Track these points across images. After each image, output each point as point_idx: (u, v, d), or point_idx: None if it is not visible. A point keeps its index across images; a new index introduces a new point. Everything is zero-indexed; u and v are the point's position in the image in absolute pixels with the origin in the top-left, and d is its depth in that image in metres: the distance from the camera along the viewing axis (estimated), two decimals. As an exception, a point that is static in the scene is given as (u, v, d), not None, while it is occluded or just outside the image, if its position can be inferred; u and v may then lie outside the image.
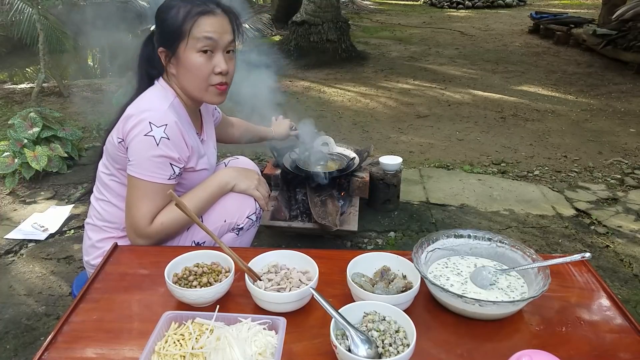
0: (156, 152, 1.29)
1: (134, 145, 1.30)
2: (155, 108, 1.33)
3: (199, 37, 1.32)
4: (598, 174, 3.21)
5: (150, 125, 1.29)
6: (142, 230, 1.32)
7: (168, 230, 1.36)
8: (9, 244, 2.41)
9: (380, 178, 2.54)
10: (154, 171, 1.31)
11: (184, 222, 1.38)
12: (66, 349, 0.94)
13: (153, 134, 1.29)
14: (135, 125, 1.30)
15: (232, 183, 1.46)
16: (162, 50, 1.38)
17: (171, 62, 1.38)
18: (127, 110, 1.35)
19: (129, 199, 1.35)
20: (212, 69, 1.36)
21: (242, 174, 1.49)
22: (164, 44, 1.37)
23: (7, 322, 1.88)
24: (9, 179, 2.91)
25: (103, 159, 1.48)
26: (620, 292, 2.07)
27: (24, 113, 3.11)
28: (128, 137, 1.32)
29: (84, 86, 5.46)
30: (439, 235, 1.18)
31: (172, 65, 1.38)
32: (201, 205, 1.42)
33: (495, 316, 0.99)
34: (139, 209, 1.32)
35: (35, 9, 4.84)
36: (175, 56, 1.36)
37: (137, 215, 1.32)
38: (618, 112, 4.49)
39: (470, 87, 5.35)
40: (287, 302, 0.99)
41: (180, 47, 1.34)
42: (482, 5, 11.97)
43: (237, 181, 1.47)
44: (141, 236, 1.34)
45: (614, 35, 6.17)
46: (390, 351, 0.85)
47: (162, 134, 1.29)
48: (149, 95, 1.38)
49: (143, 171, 1.31)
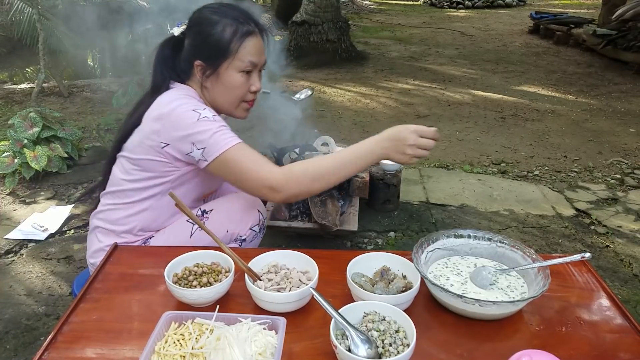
0: (217, 125, 1.25)
1: (197, 136, 1.24)
2: (185, 99, 1.30)
3: (244, 60, 1.33)
4: (598, 174, 3.21)
5: (196, 111, 1.26)
6: (275, 182, 1.22)
7: (301, 176, 1.23)
8: (9, 244, 2.41)
9: (380, 178, 2.54)
10: (228, 137, 1.25)
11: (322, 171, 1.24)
12: (66, 349, 0.94)
13: (205, 115, 1.26)
14: (179, 123, 1.26)
15: (383, 154, 1.24)
16: (200, 64, 1.36)
17: (208, 77, 1.36)
18: (154, 112, 1.31)
19: (235, 174, 1.25)
20: (248, 88, 1.39)
21: (393, 143, 1.23)
22: (204, 58, 1.35)
23: (7, 322, 1.88)
24: (9, 179, 2.91)
25: (122, 166, 1.41)
26: (620, 292, 2.07)
27: (24, 113, 3.11)
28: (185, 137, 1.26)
29: (84, 86, 5.46)
30: (439, 235, 1.18)
31: (208, 80, 1.37)
32: (340, 164, 1.25)
33: (495, 316, 0.99)
34: (251, 170, 1.23)
35: (35, 9, 4.83)
36: (215, 73, 1.35)
37: (256, 175, 1.22)
38: (618, 112, 4.49)
39: (470, 87, 5.35)
40: (287, 302, 0.99)
41: (223, 65, 1.34)
42: (482, 5, 11.97)
43: (390, 152, 1.23)
44: (276, 188, 1.23)
45: (614, 35, 6.16)
46: (390, 351, 0.85)
47: (210, 112, 1.28)
48: (174, 92, 1.35)
49: (224, 142, 1.24)
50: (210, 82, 1.37)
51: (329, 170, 1.24)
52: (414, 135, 1.21)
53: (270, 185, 1.22)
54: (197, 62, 1.36)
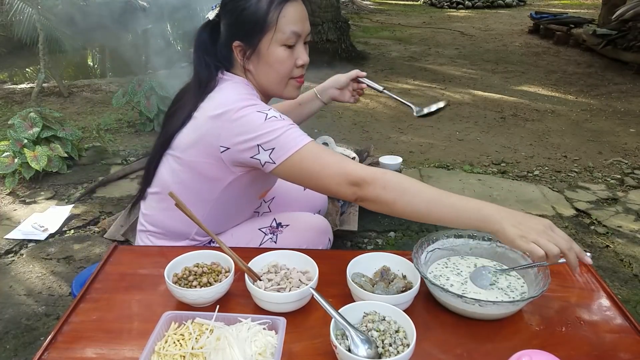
0: (286, 123, 1.15)
1: (266, 136, 1.13)
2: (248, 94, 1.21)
3: (285, 31, 1.19)
4: (598, 174, 3.21)
5: (261, 112, 1.15)
6: (359, 177, 1.09)
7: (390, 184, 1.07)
8: (8, 244, 2.41)
9: (380, 178, 2.54)
10: (298, 135, 1.14)
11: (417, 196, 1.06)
12: (66, 349, 0.94)
13: (272, 115, 1.15)
14: (245, 126, 1.14)
15: (498, 223, 0.97)
16: (238, 44, 1.23)
17: (250, 58, 1.23)
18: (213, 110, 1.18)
19: (311, 173, 1.13)
20: (294, 62, 1.25)
21: (517, 219, 0.97)
22: (241, 37, 1.22)
23: (7, 322, 1.88)
24: (9, 179, 2.91)
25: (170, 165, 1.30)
26: (620, 292, 2.07)
27: (23, 113, 3.11)
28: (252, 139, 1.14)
29: (84, 86, 5.46)
30: (439, 235, 1.18)
31: (249, 62, 1.25)
32: (440, 201, 1.05)
33: (495, 316, 0.99)
34: (331, 165, 1.11)
35: (35, 9, 4.84)
36: (256, 52, 1.22)
37: (337, 170, 1.10)
38: (618, 112, 4.49)
39: (470, 87, 5.35)
40: (287, 302, 0.99)
41: (263, 41, 1.20)
42: (482, 5, 11.96)
43: (506, 224, 0.96)
44: (360, 184, 1.09)
45: (614, 35, 6.16)
46: (390, 351, 0.85)
47: (275, 112, 1.16)
48: (231, 89, 1.23)
49: (295, 141, 1.13)
50: (252, 63, 1.24)
51: (424, 199, 1.05)
52: (548, 225, 0.96)
53: (355, 179, 1.09)
54: (235, 44, 1.23)
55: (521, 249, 0.95)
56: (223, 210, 1.36)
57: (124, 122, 4.20)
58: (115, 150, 3.58)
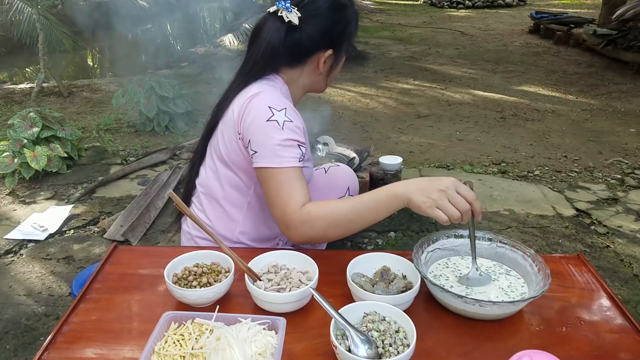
0: (283, 136, 1.16)
1: (257, 134, 1.18)
2: (269, 91, 1.23)
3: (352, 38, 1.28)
4: (598, 174, 3.21)
5: (271, 109, 1.18)
6: (290, 221, 1.14)
7: (316, 222, 1.11)
8: (8, 244, 2.41)
9: (380, 178, 2.54)
10: (285, 156, 1.16)
11: (340, 218, 1.11)
12: (66, 349, 0.94)
13: (276, 118, 1.17)
14: (251, 114, 1.19)
15: (405, 196, 1.04)
16: (330, 54, 1.27)
17: (329, 64, 1.29)
18: (234, 101, 1.25)
19: (268, 194, 1.19)
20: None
21: (421, 185, 1.03)
22: (335, 46, 1.25)
23: (6, 322, 1.88)
24: (9, 179, 2.91)
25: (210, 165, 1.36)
26: (620, 292, 2.07)
27: (23, 113, 3.11)
28: (248, 128, 1.20)
29: (84, 86, 5.46)
30: (439, 236, 1.17)
31: (326, 67, 1.29)
32: (357, 209, 1.10)
33: (495, 316, 0.99)
34: (280, 198, 1.15)
35: (35, 9, 4.84)
36: (337, 59, 1.28)
37: (280, 206, 1.15)
38: (618, 112, 4.49)
39: (471, 87, 5.35)
40: (287, 302, 0.99)
41: (344, 47, 1.26)
42: (482, 5, 11.97)
43: (412, 193, 1.03)
44: (290, 227, 1.15)
45: (614, 35, 6.16)
46: (391, 351, 0.85)
47: (285, 117, 1.18)
48: (258, 84, 1.26)
49: (274, 159, 1.16)
50: (327, 68, 1.29)
51: (347, 217, 1.10)
52: (451, 185, 1.00)
53: (288, 220, 1.14)
54: (328, 53, 1.26)
55: (428, 215, 1.01)
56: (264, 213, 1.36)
57: (123, 122, 4.20)
58: (115, 150, 3.58)
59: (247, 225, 1.38)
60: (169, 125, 3.90)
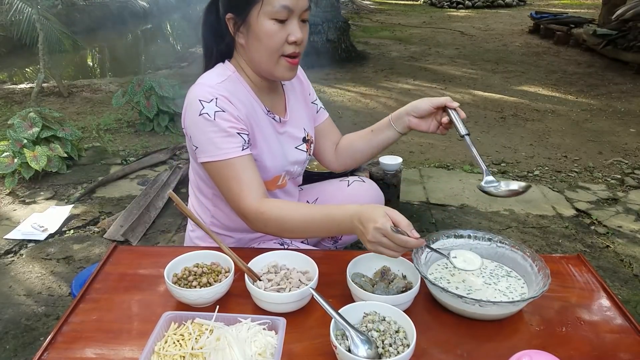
0: (216, 128, 1.16)
1: (193, 130, 1.19)
2: (204, 84, 1.22)
3: (273, 4, 1.15)
4: (598, 174, 3.21)
5: (201, 102, 1.17)
6: (245, 215, 1.17)
7: (270, 222, 1.15)
8: (8, 244, 2.41)
9: (380, 178, 2.53)
10: (224, 147, 1.17)
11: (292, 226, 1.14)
12: (66, 349, 0.94)
13: (206, 111, 1.16)
14: (187, 110, 1.20)
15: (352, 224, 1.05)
16: (230, 16, 1.22)
17: (240, 30, 1.22)
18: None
19: (220, 187, 1.22)
20: (285, 38, 1.19)
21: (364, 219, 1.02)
22: (232, 9, 1.21)
23: (6, 322, 1.88)
24: (9, 179, 2.91)
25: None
26: (620, 292, 2.07)
27: (23, 113, 3.11)
28: (187, 124, 1.21)
29: (84, 86, 5.46)
30: (439, 236, 1.17)
31: (240, 35, 1.23)
32: (310, 223, 1.12)
33: (495, 316, 0.99)
34: (233, 192, 1.17)
35: (35, 9, 4.83)
36: (245, 23, 1.20)
37: (234, 200, 1.18)
38: (618, 112, 4.49)
39: (470, 87, 5.35)
40: (286, 302, 0.99)
41: (253, 12, 1.17)
42: (482, 5, 11.97)
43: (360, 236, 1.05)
44: (246, 220, 1.19)
45: (614, 35, 6.17)
46: (390, 351, 0.85)
47: (215, 107, 1.17)
48: (204, 75, 1.27)
49: (214, 152, 1.17)
50: (243, 36, 1.22)
51: (299, 227, 1.14)
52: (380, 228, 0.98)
53: (243, 215, 1.19)
54: (228, 16, 1.22)
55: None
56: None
57: (123, 122, 4.20)
58: (115, 150, 3.58)
59: (219, 214, 1.40)
60: (169, 125, 3.91)
